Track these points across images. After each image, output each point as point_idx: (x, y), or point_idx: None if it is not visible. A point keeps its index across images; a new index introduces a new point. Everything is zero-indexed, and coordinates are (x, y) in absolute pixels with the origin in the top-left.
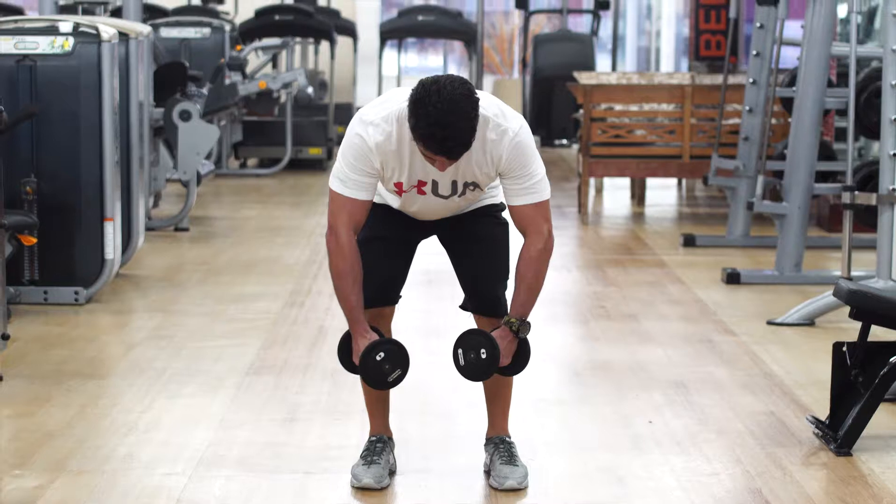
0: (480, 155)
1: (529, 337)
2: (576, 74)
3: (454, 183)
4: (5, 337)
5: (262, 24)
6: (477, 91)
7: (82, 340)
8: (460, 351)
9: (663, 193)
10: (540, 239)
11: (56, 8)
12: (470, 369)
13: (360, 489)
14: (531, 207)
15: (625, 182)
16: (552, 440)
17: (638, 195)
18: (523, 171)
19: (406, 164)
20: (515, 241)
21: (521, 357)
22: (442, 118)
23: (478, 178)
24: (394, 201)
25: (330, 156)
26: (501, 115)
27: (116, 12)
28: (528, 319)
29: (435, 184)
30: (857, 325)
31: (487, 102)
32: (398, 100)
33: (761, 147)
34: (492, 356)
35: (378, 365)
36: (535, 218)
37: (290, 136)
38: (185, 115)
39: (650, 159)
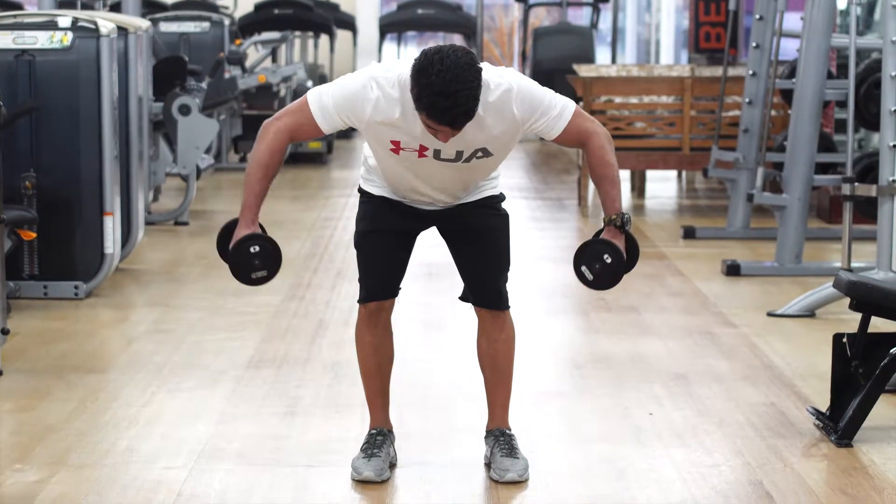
0: (490, 117)
1: (524, 320)
2: (575, 67)
3: (459, 152)
4: (5, 331)
5: (261, 18)
6: (479, 63)
7: (82, 335)
8: (583, 267)
9: (663, 185)
10: (597, 137)
11: (55, 3)
12: (601, 279)
13: (361, 482)
14: (571, 125)
15: (625, 174)
16: (553, 432)
17: (638, 187)
18: (542, 108)
19: (407, 131)
20: (515, 233)
21: (634, 249)
22: (445, 87)
23: (493, 141)
24: (390, 168)
25: (330, 149)
26: (498, 76)
27: (115, 7)
28: (626, 211)
29: (437, 150)
30: (858, 316)
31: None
32: (403, 66)
33: (761, 139)
34: (617, 257)
35: (249, 257)
36: (580, 129)
37: None
38: (185, 110)
39: (650, 151)
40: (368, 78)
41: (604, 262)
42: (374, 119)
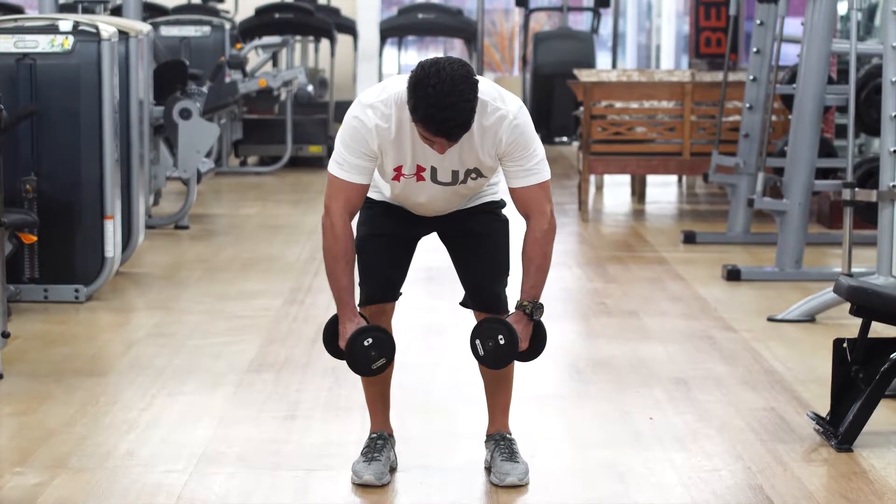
0: (481, 139)
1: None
2: (576, 72)
3: (455, 172)
4: (6, 335)
5: (262, 23)
6: (476, 75)
7: (83, 338)
8: (478, 341)
9: (663, 190)
10: (543, 220)
11: (56, 6)
12: (490, 357)
13: (361, 486)
14: (534, 188)
15: (625, 179)
16: (553, 437)
17: (638, 192)
18: (524, 153)
19: (406, 149)
20: (516, 238)
21: (539, 340)
22: (441, 99)
23: (481, 163)
24: (393, 190)
25: (330, 153)
26: (500, 99)
27: (116, 11)
28: (541, 301)
29: (434, 170)
30: (858, 321)
31: (485, 87)
32: (397, 84)
33: (761, 144)
34: (510, 341)
35: (365, 350)
36: (537, 199)
37: (290, 134)
38: (186, 114)
39: (650, 156)
40: (361, 109)
41: (497, 342)
42: (380, 146)
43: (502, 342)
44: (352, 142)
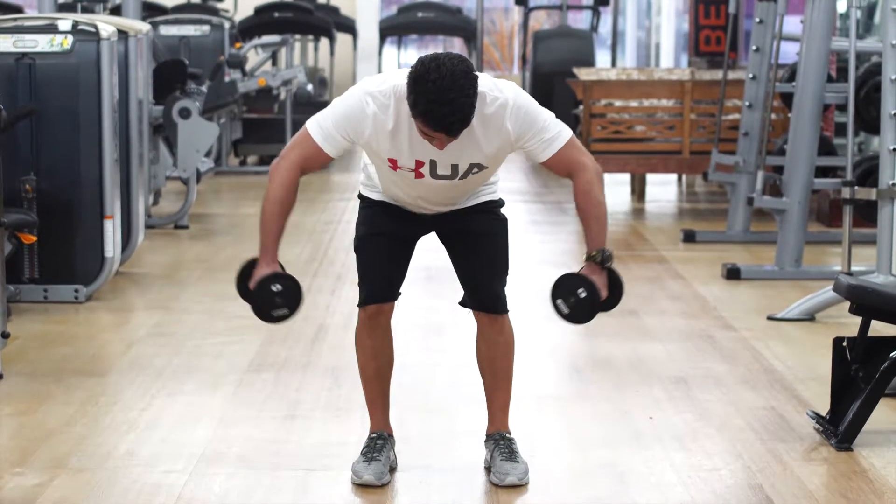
0: (485, 131)
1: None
2: (575, 70)
3: (454, 166)
4: (5, 335)
5: (261, 22)
6: (476, 71)
7: (82, 338)
8: (559, 301)
9: (663, 189)
10: (586, 170)
11: (55, 6)
12: (576, 313)
13: (361, 486)
14: (562, 152)
15: (625, 178)
16: (552, 436)
17: (638, 191)
18: (536, 128)
19: (403, 142)
20: (514, 237)
21: (616, 286)
22: (441, 95)
23: (487, 156)
24: (390, 182)
25: None
26: (496, 89)
27: (116, 10)
28: (608, 248)
29: (433, 164)
30: (858, 320)
31: (481, 80)
32: (398, 77)
33: (761, 142)
34: (591, 292)
35: (271, 296)
36: (571, 158)
37: (289, 133)
38: (185, 113)
39: (650, 155)
40: (363, 94)
41: (578, 297)
42: (373, 135)
43: (583, 295)
44: (343, 119)
